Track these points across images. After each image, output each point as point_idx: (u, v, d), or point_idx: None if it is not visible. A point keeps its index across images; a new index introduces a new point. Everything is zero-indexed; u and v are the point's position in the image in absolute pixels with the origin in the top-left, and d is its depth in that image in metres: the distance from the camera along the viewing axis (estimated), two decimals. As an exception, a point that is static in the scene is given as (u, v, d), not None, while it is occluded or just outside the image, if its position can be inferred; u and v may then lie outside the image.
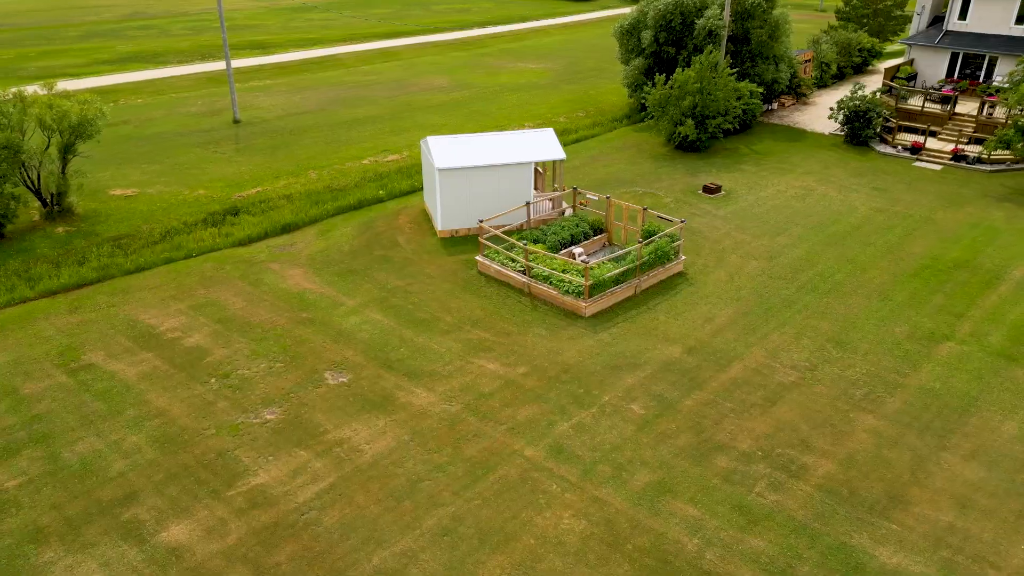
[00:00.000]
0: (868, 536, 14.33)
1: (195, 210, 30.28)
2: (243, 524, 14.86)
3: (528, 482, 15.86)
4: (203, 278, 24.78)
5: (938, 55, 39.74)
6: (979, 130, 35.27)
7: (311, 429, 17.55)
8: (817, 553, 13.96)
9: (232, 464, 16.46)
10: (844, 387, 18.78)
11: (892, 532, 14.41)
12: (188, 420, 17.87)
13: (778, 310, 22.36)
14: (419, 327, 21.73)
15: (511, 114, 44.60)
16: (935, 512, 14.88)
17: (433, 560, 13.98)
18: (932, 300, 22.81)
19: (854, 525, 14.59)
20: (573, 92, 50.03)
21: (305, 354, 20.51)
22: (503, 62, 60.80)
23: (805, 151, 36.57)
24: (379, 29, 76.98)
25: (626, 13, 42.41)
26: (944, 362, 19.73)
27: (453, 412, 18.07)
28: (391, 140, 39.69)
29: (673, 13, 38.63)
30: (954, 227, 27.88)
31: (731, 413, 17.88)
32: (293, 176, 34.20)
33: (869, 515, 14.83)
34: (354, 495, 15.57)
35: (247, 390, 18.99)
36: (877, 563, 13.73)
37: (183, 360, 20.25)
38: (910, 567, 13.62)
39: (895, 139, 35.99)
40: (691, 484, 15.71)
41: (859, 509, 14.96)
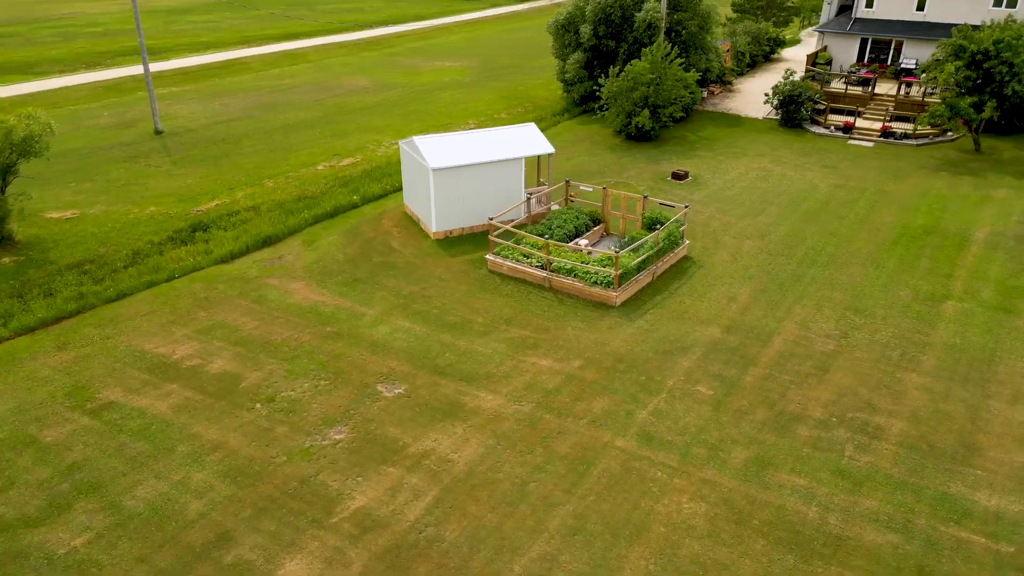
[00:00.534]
0: (961, 484, 15.39)
1: (155, 228, 27.99)
2: (362, 550, 13.98)
3: (632, 472, 15.87)
4: (197, 300, 22.98)
5: (849, 41, 42.88)
6: (898, 108, 38.39)
7: (388, 444, 16.74)
8: (926, 506, 14.84)
9: (321, 490, 15.43)
10: (879, 350, 20.01)
11: (980, 478, 15.55)
12: (251, 450, 16.58)
13: (790, 285, 23.47)
14: (454, 331, 21.16)
15: (451, 112, 44.09)
16: (1007, 455, 16.19)
17: (575, 560, 13.74)
18: (919, 264, 24.69)
19: (945, 476, 15.62)
20: (502, 89, 50.08)
21: (347, 369, 19.50)
22: (416, 61, 59.95)
23: (748, 135, 38.47)
24: (273, 31, 73.80)
25: (560, 8, 42.90)
26: (954, 319, 21.43)
27: (527, 412, 17.77)
28: (338, 144, 38.25)
29: (612, 7, 39.48)
30: (907, 197, 30.26)
31: (791, 385, 18.63)
32: (249, 187, 32.30)
33: (953, 464, 15.92)
34: (465, 506, 15.01)
35: (301, 412, 17.84)
36: (980, 507, 14.78)
37: (216, 388, 18.73)
38: (1010, 507, 14.76)
39: (827, 120, 38.54)
40: (785, 455, 16.27)
41: (943, 460, 16.03)
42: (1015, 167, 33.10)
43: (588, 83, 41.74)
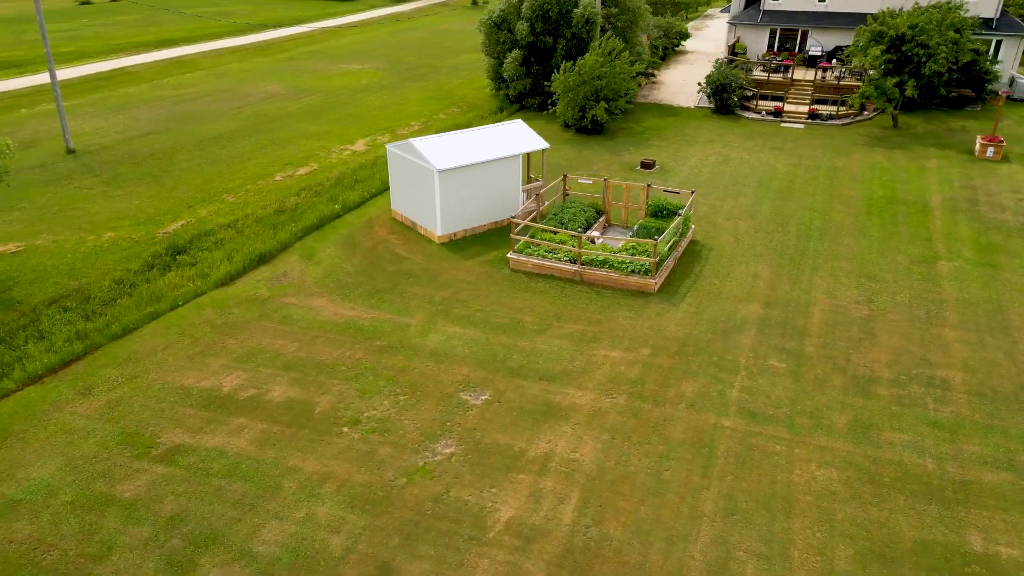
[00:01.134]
0: (1036, 420, 17.07)
1: (125, 255, 25.38)
2: (537, 560, 13.49)
3: (753, 449, 16.30)
4: (216, 327, 21.11)
5: (760, 32, 45.77)
6: (817, 92, 41.48)
7: (504, 451, 16.21)
8: (1018, 444, 16.29)
9: (460, 506, 14.72)
10: (907, 311, 21.66)
11: (1047, 413, 17.31)
12: (363, 476, 15.52)
13: (800, 259, 24.86)
14: (508, 332, 20.75)
15: (386, 115, 42.89)
16: (1058, 390, 18.11)
17: (745, 539, 13.96)
18: (899, 231, 26.90)
19: (1020, 415, 17.22)
20: (426, 90, 49.27)
21: (420, 381, 18.64)
22: (320, 65, 57.70)
23: (690, 124, 40.16)
24: (143, 38, 68.42)
25: (491, 6, 42.78)
26: (952, 277, 23.56)
27: (624, 404, 17.78)
28: (282, 153, 36.21)
29: (550, 3, 39.89)
30: (857, 171, 32.82)
31: (849, 350, 19.79)
32: (209, 203, 29.95)
33: (1020, 405, 17.57)
34: (614, 502, 14.83)
35: (395, 431, 16.89)
36: (1062, 439, 16.47)
37: (289, 417, 17.34)
38: (1085, 435, 16.56)
39: (758, 106, 40.97)
40: (879, 415, 17.29)
41: (1011, 403, 17.64)
42: (932, 139, 36.71)
43: (526, 80, 41.95)
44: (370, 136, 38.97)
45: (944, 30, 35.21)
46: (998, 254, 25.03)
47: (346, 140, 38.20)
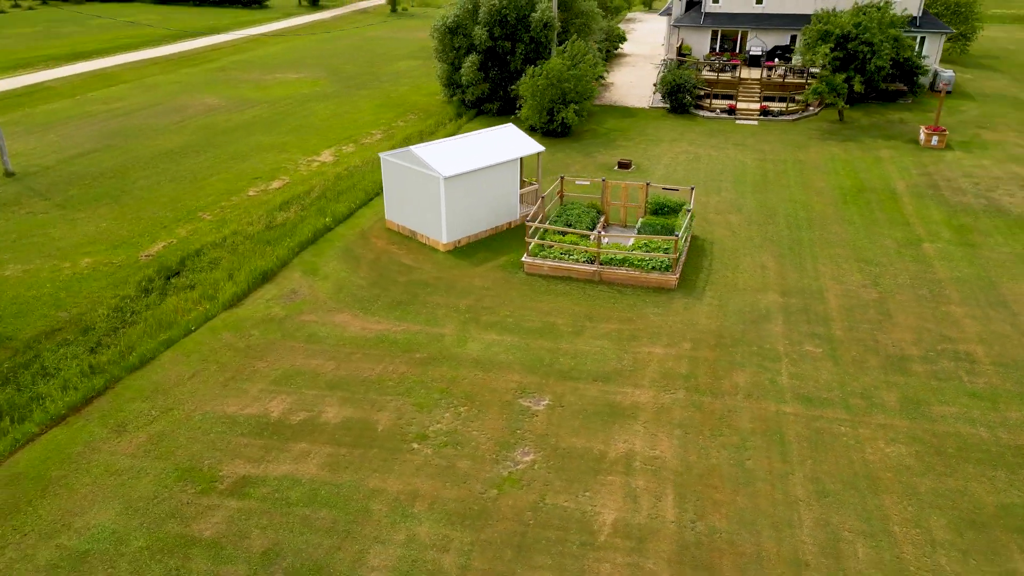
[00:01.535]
0: (1059, 384, 18.40)
1: (111, 281, 23.70)
2: (657, 560, 13.45)
3: (821, 432, 16.83)
4: (239, 351, 20.00)
5: (702, 33, 47.36)
6: (764, 89, 43.30)
7: (584, 455, 16.10)
8: (1052, 406, 17.57)
9: (561, 512, 14.51)
10: (911, 291, 22.91)
11: (1066, 377, 18.69)
12: (451, 491, 15.07)
13: (798, 248, 25.86)
14: (546, 336, 20.64)
15: (343, 124, 41.80)
16: (1068, 356, 19.58)
17: (845, 519, 14.38)
18: (877, 217, 28.42)
19: (1043, 381, 18.55)
20: (375, 98, 48.33)
21: (474, 391, 18.27)
22: (253, 75, 55.59)
23: (650, 124, 41.07)
24: (51, 50, 63.97)
25: (445, 12, 42.41)
26: (940, 258, 25.08)
27: (684, 398, 18.01)
28: (246, 167, 34.69)
29: (507, 8, 39.94)
30: (820, 163, 34.46)
31: (874, 331, 20.75)
32: (185, 223, 28.36)
33: (1040, 371, 18.94)
34: (710, 495, 14.97)
35: (468, 443, 16.49)
36: (1087, 399, 17.82)
37: (353, 438, 16.63)
38: (1106, 394, 17.98)
39: (712, 104, 42.37)
40: (924, 390, 18.20)
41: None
42: (877, 131, 38.99)
43: (484, 85, 41.84)
44: (334, 147, 37.88)
45: (885, 28, 37.50)
46: (972, 234, 26.84)
47: (309, 152, 36.98)
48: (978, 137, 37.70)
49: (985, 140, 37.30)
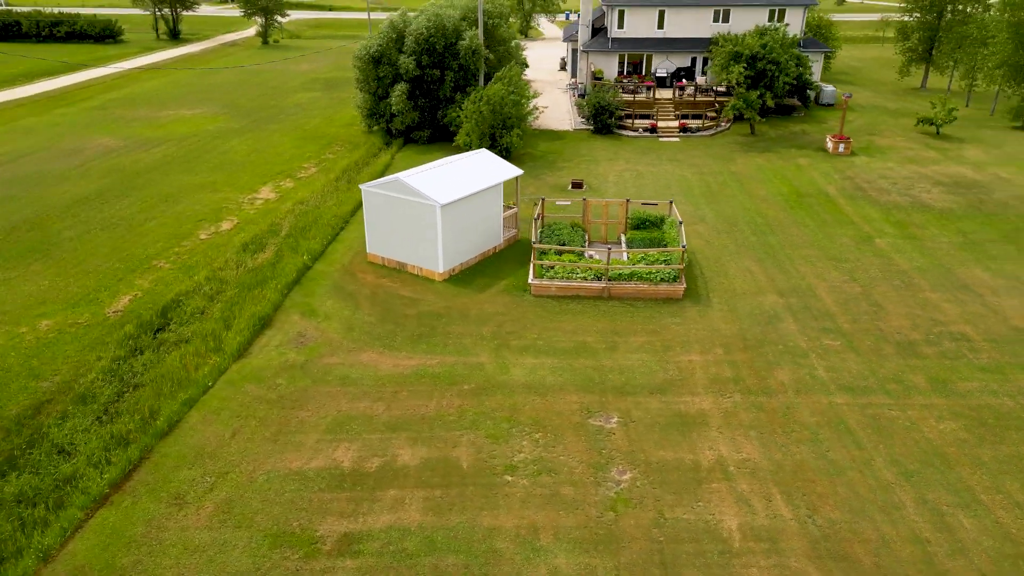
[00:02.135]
0: (1045, 353, 20.68)
1: (86, 344, 21.30)
2: (798, 557, 13.80)
3: (878, 418, 17.92)
4: (272, 402, 18.54)
5: (610, 57, 49.40)
6: (677, 108, 45.74)
7: (679, 465, 16.25)
8: (1050, 372, 19.72)
9: (686, 525, 14.55)
10: (887, 282, 24.92)
11: (1048, 346, 21.04)
12: (570, 518, 14.72)
13: (772, 252, 27.46)
14: (583, 355, 20.67)
15: (269, 160, 39.84)
16: (1040, 327, 22.06)
17: (938, 494, 15.39)
18: (825, 219, 30.74)
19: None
20: (289, 131, 46.43)
21: (541, 417, 17.97)
22: (140, 112, 51.78)
23: (579, 145, 42.14)
24: None
25: (366, 41, 41.59)
26: (896, 251, 27.50)
27: (742, 400, 18.60)
28: (184, 209, 32.25)
29: (436, 36, 39.84)
30: (751, 173, 36.82)
31: (874, 321, 22.40)
32: (144, 273, 25.98)
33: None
34: (812, 489, 15.55)
35: (558, 469, 16.18)
36: (1073, 363, 20.16)
37: (441, 478, 15.86)
38: (1086, 357, 20.42)
39: (634, 124, 44.20)
40: (941, 371, 19.84)
41: (1018, 343, 21.13)
42: (787, 142, 42.21)
43: (414, 113, 41.38)
44: (270, 183, 36.01)
45: (787, 48, 40.86)
46: (910, 228, 29.67)
47: (246, 190, 34.95)
48: (873, 143, 41.78)
49: (880, 145, 41.39)
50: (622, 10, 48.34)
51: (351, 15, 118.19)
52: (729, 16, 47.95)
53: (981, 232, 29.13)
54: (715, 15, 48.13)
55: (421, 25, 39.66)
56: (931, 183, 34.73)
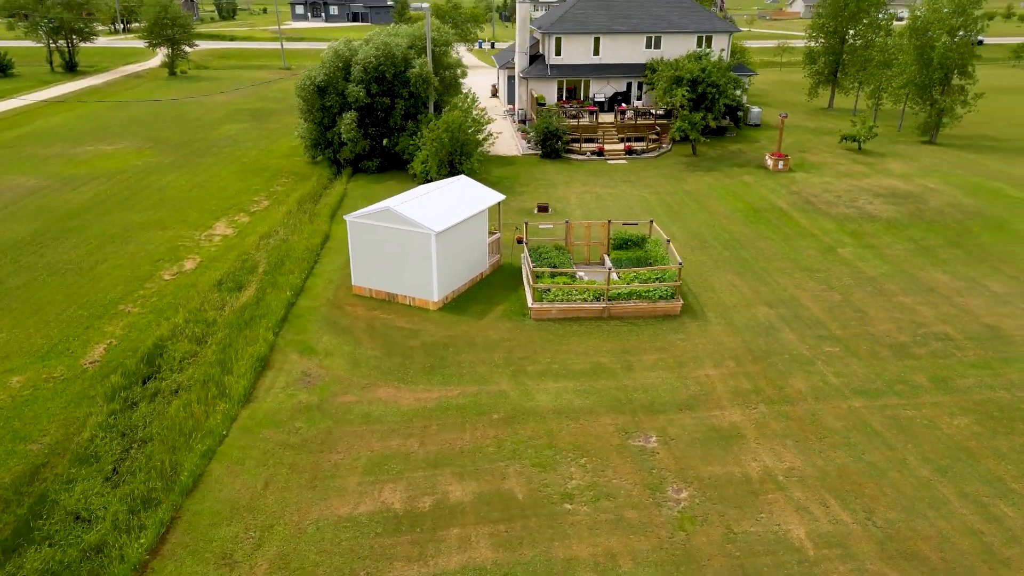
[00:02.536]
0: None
1: (71, 400, 19.63)
2: (873, 560, 14.14)
3: (897, 419, 18.69)
4: (296, 447, 17.54)
5: (549, 83, 50.21)
6: (619, 132, 46.91)
7: (731, 480, 16.40)
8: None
9: (756, 538, 14.67)
10: (862, 289, 26.19)
11: (1021, 340, 22.62)
12: (643, 542, 14.57)
13: (747, 265, 28.40)
14: (603, 376, 20.65)
15: (214, 194, 38.09)
16: (1010, 315, 23.65)
17: (974, 487, 16.17)
18: (786, 232, 32.12)
19: (1016, 343, 22.23)
20: (228, 164, 44.59)
21: (580, 441, 17.79)
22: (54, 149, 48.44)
23: (532, 169, 42.44)
24: None
25: (310, 71, 40.58)
26: (860, 259, 28.99)
27: (768, 411, 19.03)
28: (136, 250, 30.32)
29: (385, 65, 39.37)
30: (704, 191, 38.10)
31: (865, 325, 23.46)
32: (112, 320, 24.26)
33: (998, 336, 22.67)
34: (858, 491, 16.00)
35: (615, 493, 16.03)
36: (1048, 355, 21.75)
37: (500, 511, 15.40)
38: (1058, 348, 22.08)
39: (582, 148, 44.95)
40: (939, 369, 20.93)
41: (995, 339, 22.59)
42: (728, 161, 43.99)
43: (365, 142, 40.64)
44: (223, 218, 34.39)
45: (724, 71, 42.77)
46: (865, 237, 31.42)
47: (199, 226, 33.21)
48: (806, 160, 44.14)
49: (813, 162, 43.78)
50: (559, 38, 49.32)
51: (256, 45, 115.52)
52: (660, 43, 49.78)
53: (928, 239, 31.18)
54: (647, 42, 49.87)
55: (370, 54, 39.14)
56: (871, 195, 36.96)
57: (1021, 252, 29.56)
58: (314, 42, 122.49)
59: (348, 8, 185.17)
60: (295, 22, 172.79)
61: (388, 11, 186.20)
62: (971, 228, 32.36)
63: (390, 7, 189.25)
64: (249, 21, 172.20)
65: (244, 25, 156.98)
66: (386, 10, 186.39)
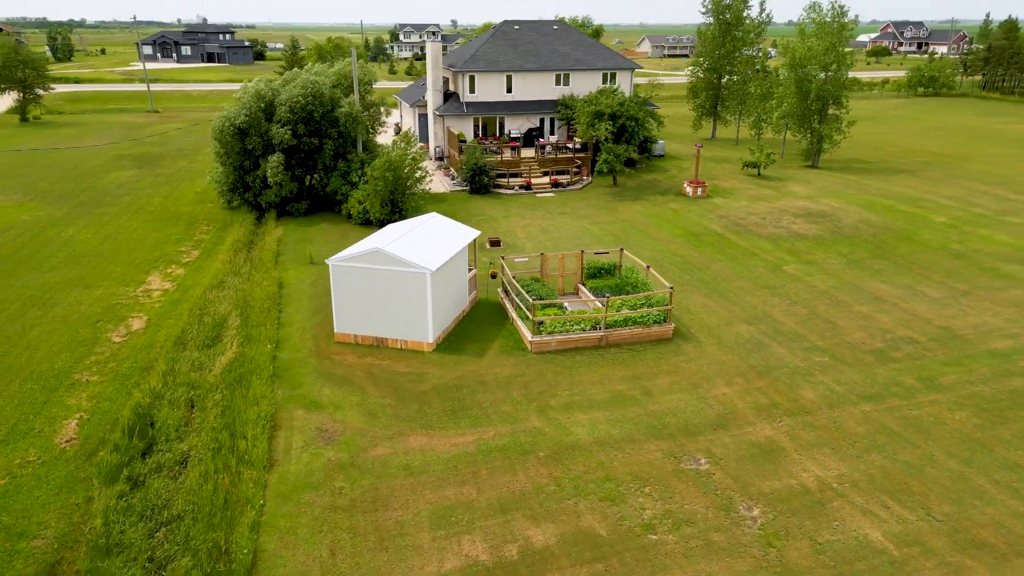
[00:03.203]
0: (980, 340, 24.45)
1: (62, 484, 17.28)
2: (950, 552, 14.94)
3: (907, 418, 19.99)
4: (348, 509, 16.30)
5: (465, 120, 50.44)
6: (541, 166, 47.76)
7: (793, 493, 16.87)
8: (990, 358, 23.33)
9: (841, 546, 15.14)
10: (821, 302, 27.97)
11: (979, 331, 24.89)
12: (743, 563, 14.66)
13: (711, 285, 29.61)
14: (627, 404, 20.72)
15: (132, 247, 35.06)
16: (966, 316, 26.01)
17: (1000, 473, 17.55)
18: (730, 253, 33.82)
19: (973, 342, 24.44)
20: (132, 214, 41.17)
21: (635, 470, 17.71)
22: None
23: (466, 205, 42.24)
24: None
25: (227, 113, 38.45)
26: (807, 275, 30.99)
27: (793, 422, 19.80)
28: (69, 312, 27.27)
29: (314, 104, 38.06)
30: (639, 219, 39.43)
31: (839, 335, 25.02)
32: (72, 392, 21.65)
33: (957, 336, 24.89)
34: (906, 490, 16.93)
35: (691, 519, 16.05)
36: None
37: (591, 550, 15.02)
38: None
39: (509, 183, 45.30)
40: (920, 370, 22.62)
41: (952, 340, 24.77)
42: (649, 190, 45.84)
43: (293, 184, 38.93)
44: (156, 271, 31.64)
45: (641, 106, 44.77)
46: (802, 254, 33.68)
47: (129, 282, 30.33)
48: (718, 186, 46.87)
49: (724, 188, 46.55)
50: (472, 76, 49.78)
51: (109, 87, 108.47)
52: (570, 79, 51.46)
53: (855, 252, 33.90)
54: (557, 79, 51.39)
55: (296, 93, 37.75)
56: (791, 216, 39.75)
57: (937, 260, 32.79)
58: (178, 83, 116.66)
59: (202, 48, 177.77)
60: (143, 63, 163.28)
61: (247, 51, 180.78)
62: (887, 241, 35.53)
63: (248, 47, 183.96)
64: (89, 63, 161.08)
65: (85, 67, 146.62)
66: (244, 50, 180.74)
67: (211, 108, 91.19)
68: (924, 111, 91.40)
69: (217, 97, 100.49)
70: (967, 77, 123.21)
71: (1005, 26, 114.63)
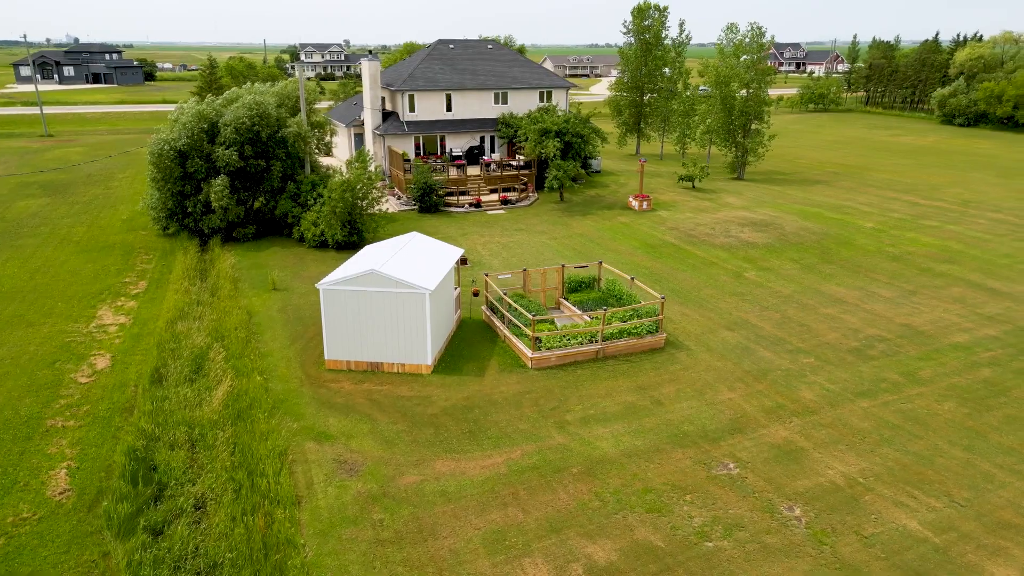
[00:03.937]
0: (939, 333, 26.13)
1: (65, 541, 15.75)
2: (1006, 527, 15.79)
3: (903, 411, 21.05)
4: (395, 543, 15.62)
5: (406, 139, 49.82)
6: (488, 184, 47.72)
7: (826, 490, 17.42)
8: (959, 352, 24.96)
9: (891, 536, 15.74)
10: (790, 305, 29.18)
11: (932, 325, 26.58)
12: (803, 564, 14.98)
13: (683, 295, 30.35)
14: (641, 415, 20.88)
15: (69, 281, 32.53)
16: (926, 309, 27.71)
17: (1004, 457, 18.76)
18: (690, 262, 34.79)
19: (932, 340, 26.05)
20: (57, 244, 38.24)
21: (671, 480, 17.85)
22: None
23: (420, 223, 41.49)
24: None
25: (165, 135, 36.42)
26: (768, 281, 32.24)
27: (804, 423, 20.48)
28: (18, 353, 24.98)
29: (260, 125, 36.61)
30: (592, 233, 39.99)
31: (815, 336, 26.11)
32: (48, 438, 19.78)
33: (925, 333, 26.51)
34: (927, 481, 17.82)
35: (740, 523, 16.30)
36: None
37: (656, 565, 15.00)
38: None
39: (459, 201, 44.96)
40: (900, 366, 23.91)
41: (917, 335, 26.36)
42: (595, 204, 46.60)
43: (239, 208, 37.24)
44: (104, 306, 29.41)
45: (585, 123, 45.58)
46: (758, 261, 35.08)
47: (78, 319, 28.06)
48: (658, 199, 48.21)
49: (664, 200, 47.95)
50: (412, 95, 49.33)
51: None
52: (508, 98, 51.84)
53: (805, 258, 35.62)
54: (495, 97, 51.66)
55: (241, 114, 36.23)
56: (737, 225, 41.35)
57: (878, 262, 34.89)
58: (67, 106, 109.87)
59: (87, 69, 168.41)
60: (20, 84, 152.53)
61: (136, 71, 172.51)
62: (829, 247, 37.53)
63: (137, 67, 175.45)
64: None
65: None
66: (133, 70, 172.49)
67: (110, 131, 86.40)
68: (818, 125, 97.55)
69: (114, 119, 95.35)
70: (851, 94, 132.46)
71: (882, 47, 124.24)
